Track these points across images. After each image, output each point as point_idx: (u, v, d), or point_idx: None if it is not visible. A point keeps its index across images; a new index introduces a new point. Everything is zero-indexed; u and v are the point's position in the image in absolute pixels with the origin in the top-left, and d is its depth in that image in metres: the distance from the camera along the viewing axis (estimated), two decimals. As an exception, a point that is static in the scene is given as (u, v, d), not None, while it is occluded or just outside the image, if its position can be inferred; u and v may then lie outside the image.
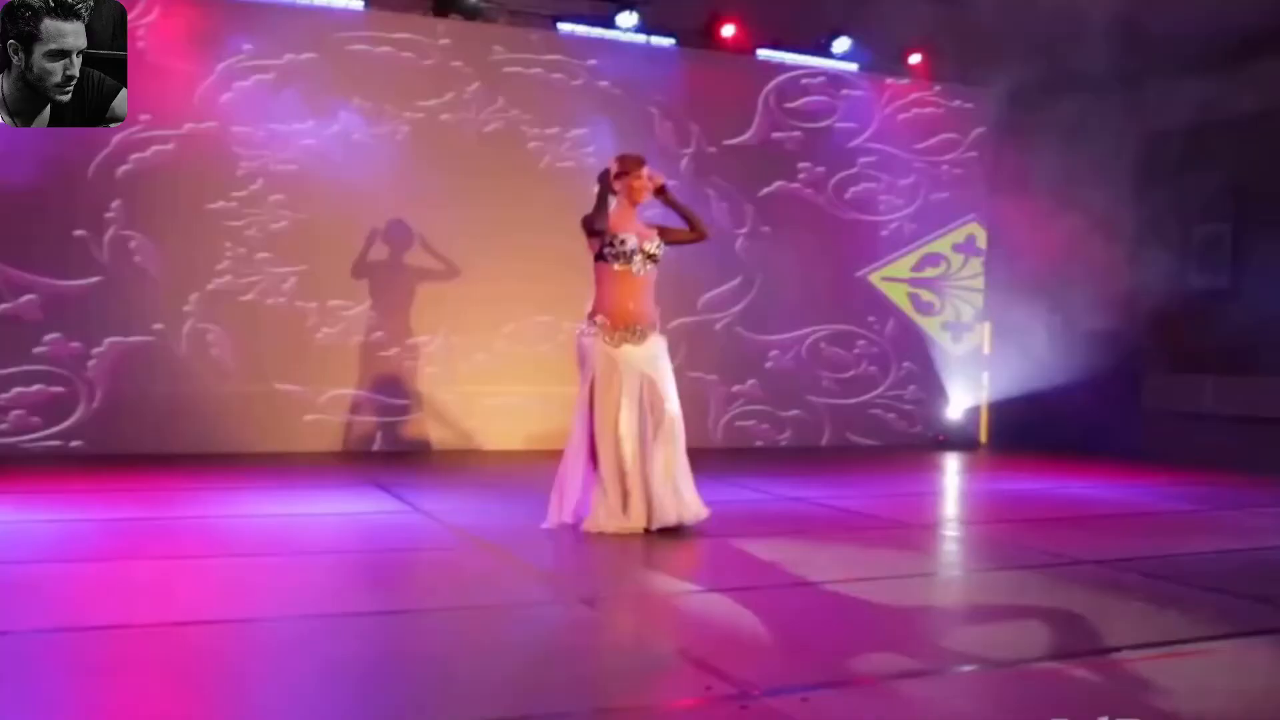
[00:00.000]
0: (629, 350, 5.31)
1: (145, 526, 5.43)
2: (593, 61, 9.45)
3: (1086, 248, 10.96)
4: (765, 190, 10.12)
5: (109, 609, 3.78)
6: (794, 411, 10.15)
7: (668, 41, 9.70)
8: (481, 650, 3.41)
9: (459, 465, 8.44)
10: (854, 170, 10.46)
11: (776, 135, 10.17)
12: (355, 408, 8.83)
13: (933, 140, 10.78)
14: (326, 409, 8.73)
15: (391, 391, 8.94)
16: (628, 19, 9.40)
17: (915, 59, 10.54)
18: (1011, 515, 6.39)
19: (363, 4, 8.85)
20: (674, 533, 5.21)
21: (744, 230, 9.95)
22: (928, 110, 10.75)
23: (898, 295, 10.66)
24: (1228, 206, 10.58)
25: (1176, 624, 3.78)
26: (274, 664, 3.28)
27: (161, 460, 7.74)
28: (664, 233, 5.59)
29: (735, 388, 9.96)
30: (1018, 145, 10.93)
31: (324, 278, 8.72)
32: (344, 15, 8.84)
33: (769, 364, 10.07)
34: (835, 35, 10.14)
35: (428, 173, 8.90)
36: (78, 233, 8.11)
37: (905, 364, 10.63)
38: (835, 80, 10.38)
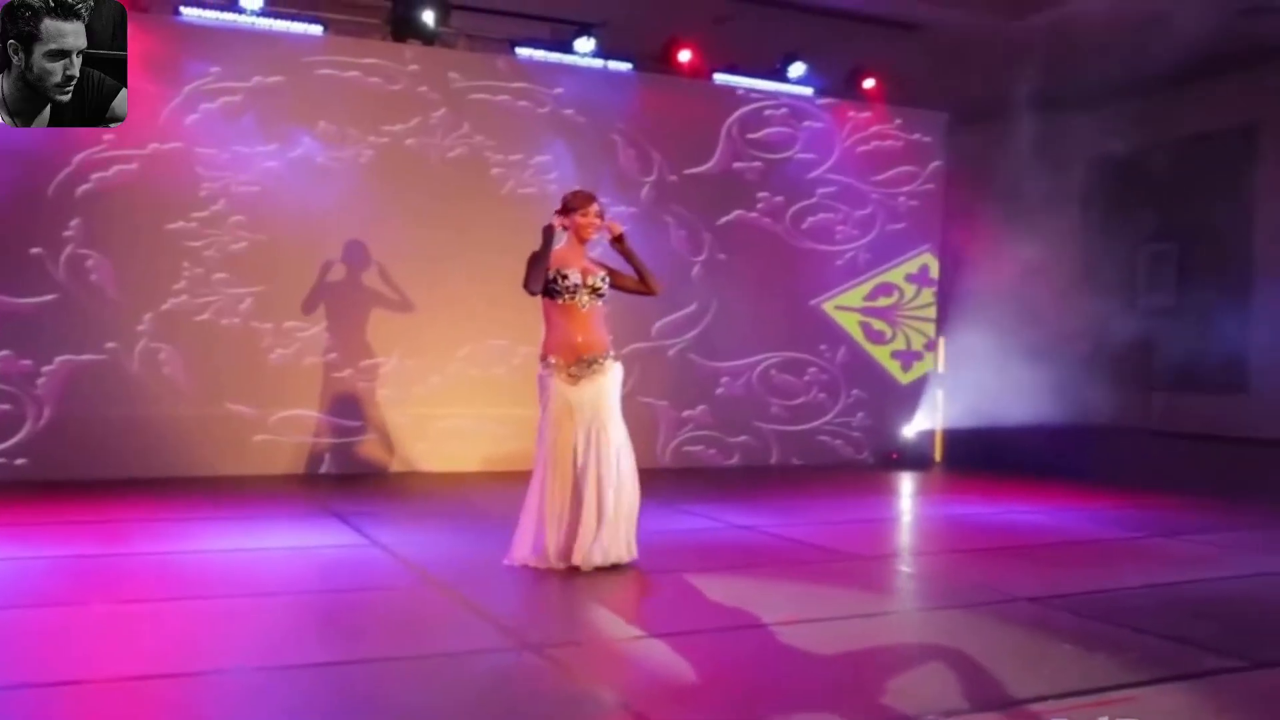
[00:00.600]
0: (585, 389, 5.37)
1: (98, 565, 5.45)
2: (558, 90, 9.59)
3: (1037, 269, 11.22)
4: (724, 219, 10.29)
5: (65, 662, 3.82)
6: (742, 437, 10.32)
7: (625, 66, 9.84)
8: (433, 702, 3.52)
9: (413, 490, 8.53)
10: (813, 200, 10.67)
11: (738, 165, 10.36)
12: (306, 429, 8.88)
13: (891, 172, 11.01)
14: (277, 429, 8.79)
15: (344, 413, 9.01)
16: (585, 44, 9.51)
17: (869, 84, 10.72)
18: (956, 545, 6.59)
19: (321, 30, 8.90)
20: (621, 570, 5.31)
21: (701, 258, 10.10)
22: (888, 143, 10.98)
23: (849, 324, 10.86)
24: (1174, 227, 10.87)
25: (1103, 669, 3.93)
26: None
27: (109, 485, 7.81)
28: (614, 275, 5.66)
29: (685, 413, 10.12)
30: (968, 169, 11.17)
31: (281, 299, 8.78)
32: (311, 40, 8.91)
33: (720, 390, 10.23)
34: (790, 60, 10.31)
35: (389, 197, 8.99)
36: (34, 250, 8.15)
37: (854, 391, 10.82)
38: (798, 112, 10.58)
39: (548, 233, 5.51)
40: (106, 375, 8.32)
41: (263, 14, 8.73)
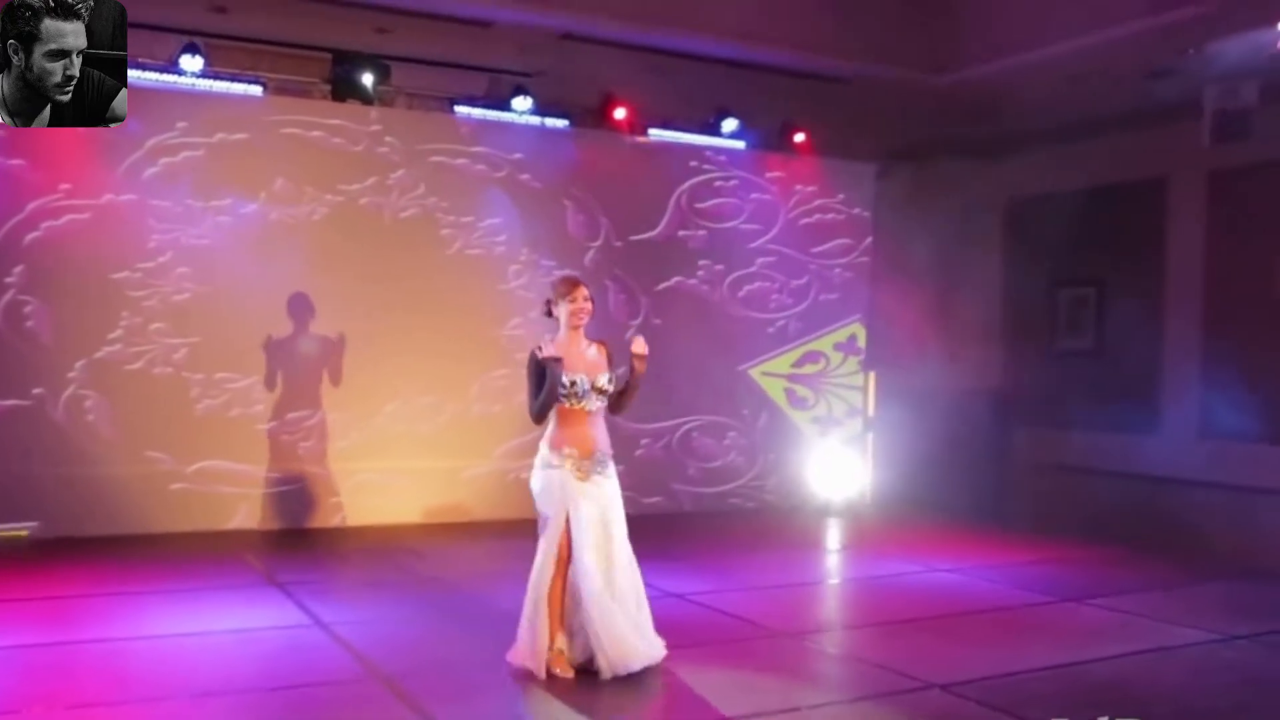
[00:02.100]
0: (597, 484, 5.34)
1: (27, 659, 5.49)
2: (517, 155, 9.81)
3: (961, 311, 11.65)
4: (663, 285, 10.59)
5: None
6: (656, 498, 10.39)
7: (561, 123, 10.03)
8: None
9: (343, 549, 8.71)
10: (752, 269, 11.00)
11: (683, 233, 10.68)
12: (224, 480, 8.93)
13: (830, 244, 11.38)
14: (194, 480, 8.84)
15: (263, 464, 9.09)
16: (522, 102, 9.69)
17: (799, 137, 11.02)
18: (876, 616, 6.89)
19: (261, 90, 9.00)
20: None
21: (635, 322, 10.36)
22: (829, 216, 11.35)
23: (774, 390, 11.16)
24: (1092, 272, 11.33)
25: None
26: None
27: (33, 546, 7.93)
28: (622, 396, 5.57)
29: None
30: (892, 214, 11.54)
31: (215, 350, 8.89)
32: (280, 100, 9.14)
33: (639, 451, 10.37)
34: (723, 116, 10.57)
35: (336, 254, 9.15)
36: None
37: (771, 455, 11.08)
38: (747, 184, 10.91)
39: (546, 367, 5.29)
40: (29, 421, 8.34)
41: (203, 75, 8.80)
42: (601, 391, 5.45)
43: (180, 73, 8.74)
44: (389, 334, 9.27)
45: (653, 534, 9.20)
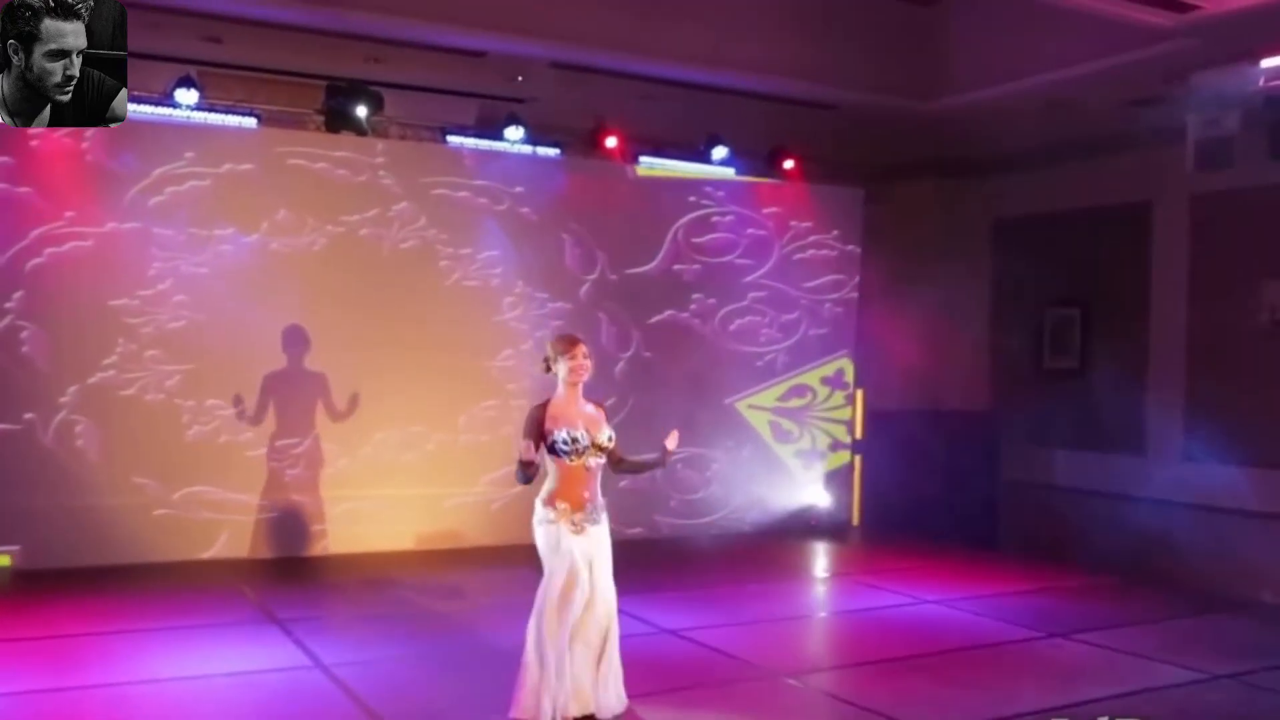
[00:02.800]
0: (590, 535, 5.38)
1: (34, 706, 5.55)
2: (519, 188, 9.92)
3: (947, 332, 11.77)
4: (656, 318, 10.69)
5: None
6: (636, 530, 10.33)
7: (553, 152, 10.12)
8: None
9: (336, 579, 8.78)
10: (744, 304, 11.12)
11: (678, 267, 10.80)
12: (209, 506, 8.96)
13: (821, 280, 11.49)
14: (180, 505, 8.86)
15: (249, 491, 9.13)
16: (514, 132, 9.77)
17: (789, 164, 11.12)
18: (865, 654, 7.00)
19: (255, 123, 9.06)
20: None
21: (627, 354, 10.46)
22: (823, 252, 11.46)
23: (759, 422, 11.26)
24: (1078, 293, 11.46)
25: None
26: None
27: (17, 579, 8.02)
28: (623, 462, 5.75)
29: None
30: (880, 235, 11.67)
31: (208, 377, 8.95)
32: (288, 133, 9.28)
33: (624, 483, 10.29)
34: (713, 143, 10.66)
35: (334, 284, 9.23)
36: None
37: (753, 488, 11.15)
38: (743, 219, 11.02)
39: (532, 425, 5.38)
40: (18, 446, 8.38)
41: (198, 108, 8.85)
42: (601, 448, 5.48)
43: (175, 105, 8.78)
44: (381, 364, 9.33)
45: (641, 561, 9.40)
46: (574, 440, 5.38)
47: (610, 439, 5.55)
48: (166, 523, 8.81)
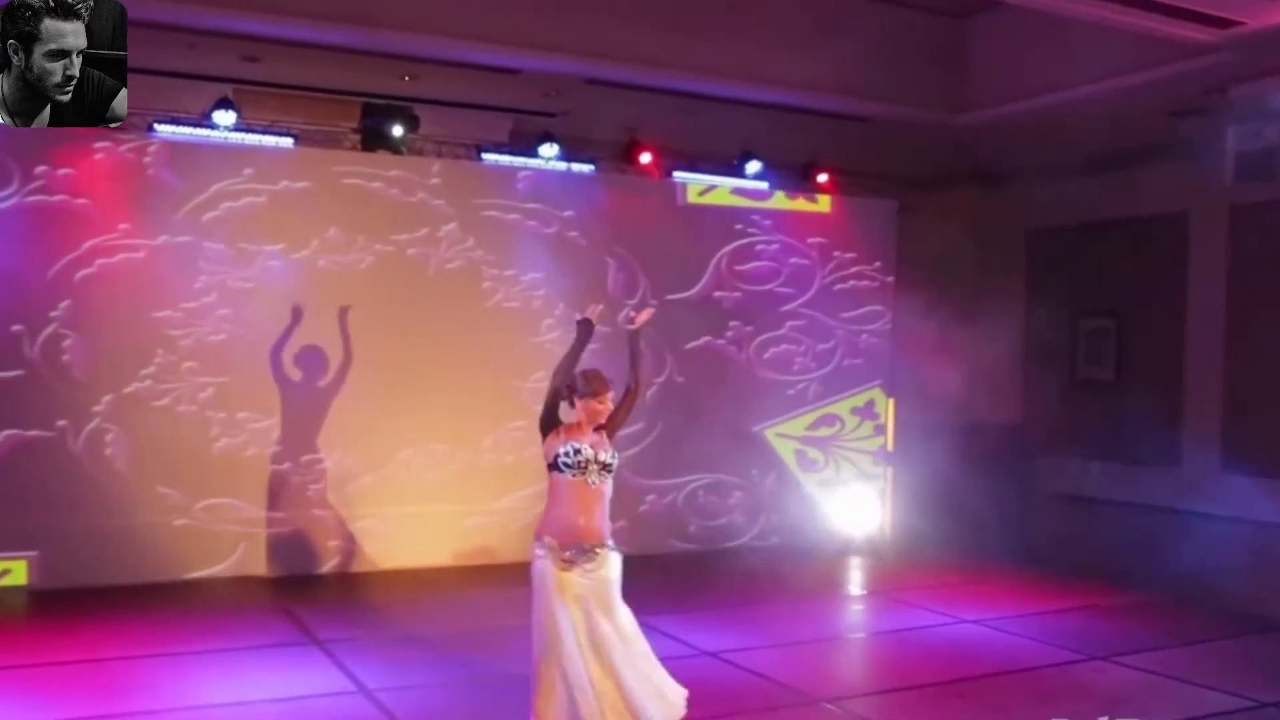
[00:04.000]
0: (580, 579, 5.07)
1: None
2: (569, 212, 9.98)
3: (981, 342, 11.70)
4: (692, 344, 10.69)
5: None
6: (656, 551, 10.22)
7: (587, 168, 10.13)
8: None
9: (360, 595, 8.80)
10: (781, 332, 11.13)
11: (719, 294, 10.80)
12: (230, 518, 8.98)
13: (860, 310, 11.49)
14: (201, 516, 8.89)
15: (271, 504, 9.15)
16: (549, 149, 9.80)
17: (822, 178, 11.10)
18: (905, 679, 6.94)
19: (292, 142, 9.12)
20: None
21: (660, 380, 10.46)
22: (864, 283, 11.48)
23: (785, 451, 11.22)
24: (1113, 304, 11.38)
25: None
26: None
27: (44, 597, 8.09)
28: (609, 424, 5.28)
29: None
30: (913, 246, 11.61)
31: (242, 390, 9.02)
32: (345, 153, 9.43)
33: (644, 507, 10.42)
34: (747, 158, 10.65)
35: (376, 302, 9.29)
36: (15, 328, 8.36)
37: (774, 516, 11.10)
38: (787, 249, 11.04)
39: (583, 329, 5.27)
40: (48, 452, 8.44)
41: (236, 129, 8.92)
42: (605, 467, 5.18)
43: (214, 126, 8.85)
44: (413, 382, 9.37)
45: (672, 576, 9.49)
46: (576, 451, 5.13)
47: (614, 456, 5.25)
48: (186, 534, 8.83)
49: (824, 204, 11.32)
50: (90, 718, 5.88)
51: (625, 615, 5.22)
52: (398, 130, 9.28)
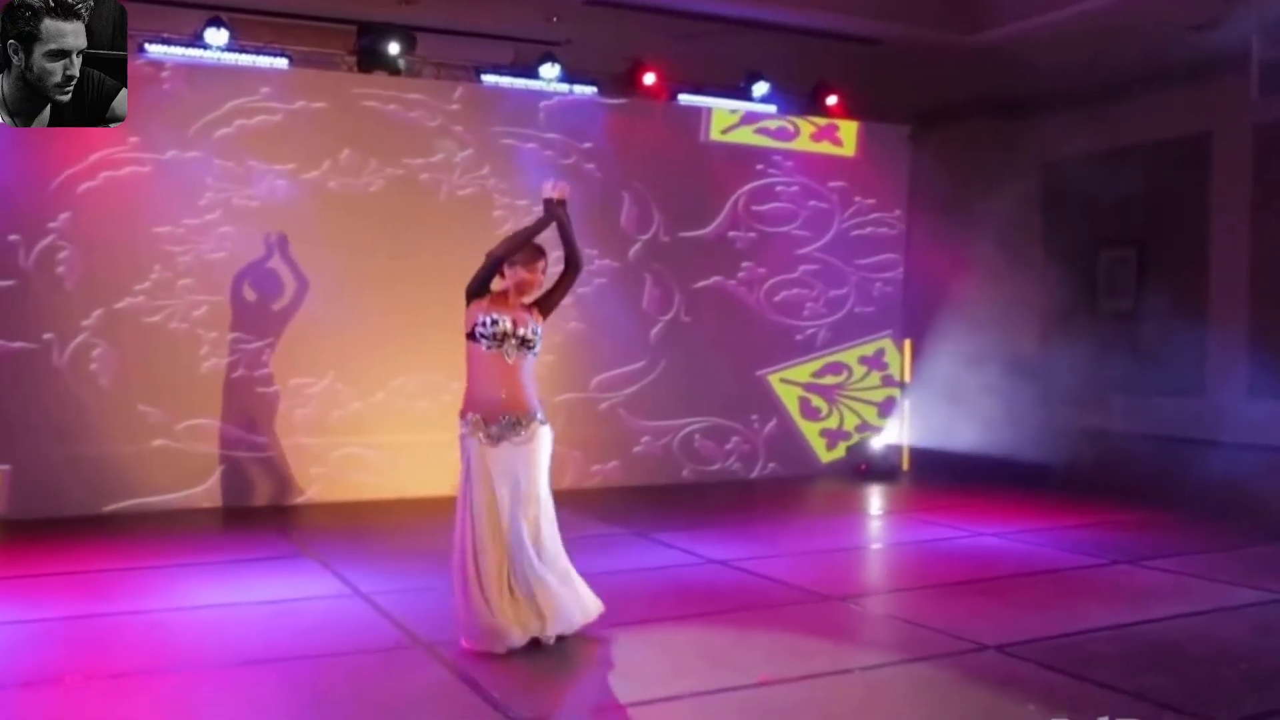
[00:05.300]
0: (506, 451, 5.01)
1: (65, 631, 5.44)
2: (588, 144, 9.79)
3: (998, 275, 11.42)
4: (701, 283, 10.46)
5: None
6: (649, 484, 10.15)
7: (590, 90, 9.89)
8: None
9: (355, 520, 8.54)
10: (793, 275, 10.87)
11: (733, 234, 10.56)
12: (208, 438, 8.75)
13: (876, 258, 11.22)
14: (180, 437, 8.65)
15: (251, 428, 8.91)
16: (550, 70, 9.57)
17: (832, 100, 10.84)
18: (925, 579, 6.73)
19: (287, 63, 8.93)
20: (597, 628, 5.25)
21: (666, 317, 10.26)
22: (882, 230, 11.22)
23: (789, 397, 10.96)
24: (1133, 232, 11.09)
25: (1066, 732, 4.12)
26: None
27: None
28: (546, 301, 5.22)
29: (594, 467, 10.01)
30: (927, 176, 11.34)
31: (236, 310, 8.81)
32: (362, 75, 9.23)
33: (638, 448, 10.17)
34: (754, 79, 10.40)
35: (382, 226, 9.10)
36: (12, 237, 8.19)
37: (770, 465, 10.81)
38: (807, 191, 10.78)
39: (549, 209, 5.15)
40: (30, 365, 8.25)
41: (229, 49, 8.73)
42: (525, 342, 5.07)
43: (205, 46, 8.65)
44: (415, 309, 9.11)
45: (681, 503, 9.32)
46: (494, 322, 5.02)
47: (535, 332, 5.11)
48: (161, 456, 8.57)
49: (848, 147, 11.07)
50: (78, 616, 5.71)
51: (547, 504, 5.10)
52: (394, 48, 9.05)
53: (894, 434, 11.17)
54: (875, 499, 9.90)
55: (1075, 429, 11.05)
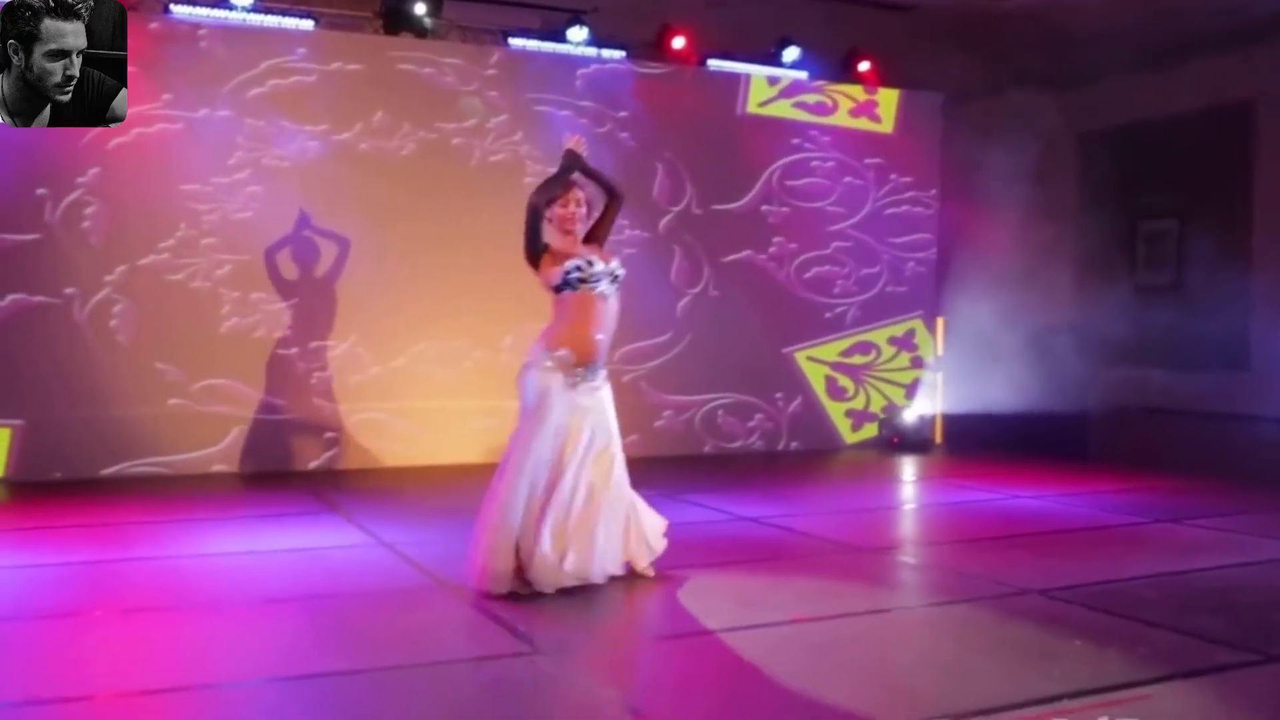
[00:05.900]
0: (585, 394, 4.94)
1: (87, 572, 5.40)
2: (623, 113, 9.68)
3: (1035, 248, 11.20)
4: (732, 257, 10.27)
5: (70, 677, 3.83)
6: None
7: (619, 55, 9.77)
8: (448, 711, 3.57)
9: (380, 482, 8.47)
10: (825, 252, 10.67)
11: (765, 208, 10.38)
12: (226, 399, 8.61)
13: (910, 237, 11.03)
14: (197, 397, 8.52)
15: (269, 389, 8.76)
16: (578, 33, 9.46)
17: (864, 66, 10.67)
18: (961, 534, 6.55)
19: (313, 25, 8.86)
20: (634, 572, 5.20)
21: (694, 290, 10.10)
22: (918, 210, 11.05)
23: (815, 376, 10.73)
24: (1173, 204, 10.85)
25: (1115, 666, 3.94)
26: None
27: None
28: (595, 232, 5.12)
29: None
30: (962, 147, 11.14)
31: (260, 270, 8.73)
32: (400, 39, 9.13)
33: (659, 423, 9.98)
34: (784, 45, 10.25)
35: (411, 190, 9.00)
36: (39, 191, 8.14)
37: (793, 444, 10.58)
38: (843, 167, 10.62)
39: (569, 160, 5.09)
40: (50, 319, 8.17)
41: (254, 10, 8.67)
42: (615, 277, 4.99)
43: (231, 7, 8.60)
44: (440, 274, 9.04)
45: (706, 470, 9.20)
46: (590, 263, 4.91)
47: (619, 266, 5.06)
48: (176, 415, 8.47)
49: (886, 124, 10.89)
50: (99, 560, 5.64)
51: (616, 456, 5.11)
52: (420, 8, 8.94)
53: (927, 406, 10.96)
54: (908, 467, 9.72)
55: (1115, 404, 10.83)
